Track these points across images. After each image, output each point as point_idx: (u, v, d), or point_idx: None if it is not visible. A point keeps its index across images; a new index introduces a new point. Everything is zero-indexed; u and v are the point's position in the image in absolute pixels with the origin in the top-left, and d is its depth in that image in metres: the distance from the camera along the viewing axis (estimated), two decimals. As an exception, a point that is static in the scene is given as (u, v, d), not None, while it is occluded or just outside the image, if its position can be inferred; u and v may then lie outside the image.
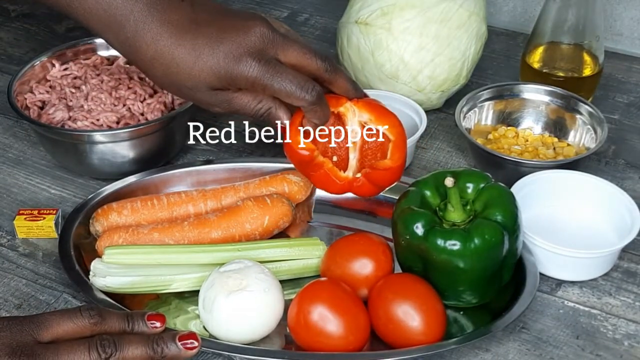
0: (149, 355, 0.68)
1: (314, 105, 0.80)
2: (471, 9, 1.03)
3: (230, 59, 0.78)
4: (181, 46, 0.78)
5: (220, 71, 0.78)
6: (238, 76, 0.78)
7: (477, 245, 0.76)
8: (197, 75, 0.79)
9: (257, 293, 0.77)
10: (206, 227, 0.87)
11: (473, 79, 1.10)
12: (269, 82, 0.78)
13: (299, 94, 0.79)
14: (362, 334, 0.77)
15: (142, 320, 0.70)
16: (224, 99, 0.81)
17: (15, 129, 1.08)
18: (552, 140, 1.01)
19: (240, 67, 0.78)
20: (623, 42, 1.21)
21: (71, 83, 1.03)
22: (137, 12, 0.78)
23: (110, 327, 0.69)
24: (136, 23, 0.79)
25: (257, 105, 0.81)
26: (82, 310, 0.69)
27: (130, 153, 0.95)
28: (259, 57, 0.78)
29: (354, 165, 0.85)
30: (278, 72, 0.78)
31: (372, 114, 0.84)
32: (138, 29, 0.79)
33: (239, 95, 0.81)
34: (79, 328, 0.68)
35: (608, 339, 0.81)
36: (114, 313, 0.70)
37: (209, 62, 0.78)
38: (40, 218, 0.90)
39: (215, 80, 0.79)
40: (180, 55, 0.79)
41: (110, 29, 0.80)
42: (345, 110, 0.84)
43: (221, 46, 0.78)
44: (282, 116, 0.82)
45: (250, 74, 0.78)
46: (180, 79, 0.80)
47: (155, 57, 0.79)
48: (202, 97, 0.81)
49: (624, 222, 0.87)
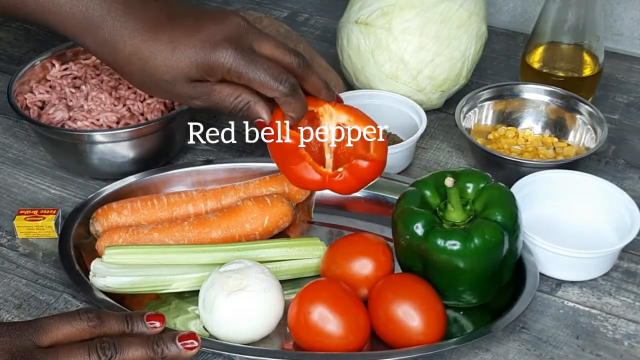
0: (149, 357, 0.68)
1: (287, 97, 0.80)
2: (471, 9, 1.03)
3: (206, 47, 0.78)
4: (158, 40, 0.79)
5: (198, 59, 0.79)
6: (215, 63, 0.78)
7: (477, 245, 0.76)
8: (175, 66, 0.79)
9: (257, 293, 0.77)
10: (206, 227, 0.87)
11: (473, 79, 1.10)
12: (244, 70, 0.78)
13: (272, 84, 0.79)
14: (362, 334, 0.77)
15: (141, 320, 0.70)
16: (203, 91, 0.81)
17: (15, 129, 1.08)
18: (552, 140, 1.01)
19: (216, 54, 0.78)
20: (623, 42, 1.21)
21: (71, 83, 1.03)
22: (113, 12, 0.79)
23: (110, 329, 0.69)
24: (113, 23, 0.80)
25: (235, 100, 0.81)
26: (81, 313, 0.69)
27: (130, 153, 0.95)
28: (235, 45, 0.79)
29: (330, 165, 0.86)
30: (253, 61, 0.79)
31: (350, 116, 0.85)
32: (115, 29, 0.80)
33: (218, 87, 0.81)
34: (78, 331, 0.68)
35: (608, 339, 0.81)
36: (113, 315, 0.70)
37: (186, 51, 0.79)
38: (40, 218, 0.90)
39: (194, 69, 0.79)
40: (157, 48, 0.79)
41: (88, 32, 0.81)
42: (324, 111, 0.85)
43: (198, 35, 0.79)
44: (260, 111, 0.82)
45: (227, 60, 0.78)
46: (159, 72, 0.80)
47: (133, 52, 0.80)
48: (181, 90, 0.81)
49: (624, 222, 0.87)
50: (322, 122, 0.86)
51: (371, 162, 0.82)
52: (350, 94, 1.04)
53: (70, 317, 0.69)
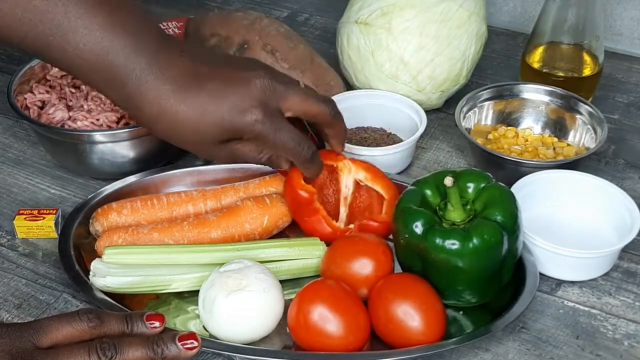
0: (149, 357, 0.68)
1: (307, 163, 0.83)
2: (471, 9, 1.03)
3: (234, 113, 0.78)
4: (184, 104, 0.78)
5: (225, 125, 0.78)
6: (243, 129, 0.79)
7: (476, 244, 0.76)
8: (203, 131, 0.79)
9: (257, 293, 0.77)
10: (206, 227, 0.87)
11: (473, 79, 1.10)
12: (271, 136, 0.80)
13: (295, 150, 0.82)
14: (362, 334, 0.77)
15: (141, 320, 0.70)
16: (228, 150, 0.81)
17: (15, 129, 1.08)
18: (552, 140, 1.01)
19: (245, 120, 0.78)
20: (623, 42, 1.21)
21: (71, 83, 1.03)
22: (138, 70, 0.77)
23: (110, 330, 0.69)
24: (138, 81, 0.77)
25: (259, 155, 0.83)
26: (81, 313, 0.69)
27: (130, 153, 0.95)
28: (263, 110, 0.79)
29: (344, 219, 0.89)
30: (279, 128, 0.80)
31: (368, 173, 0.88)
32: (140, 87, 0.77)
33: (241, 146, 0.81)
34: (78, 332, 0.68)
35: (608, 339, 0.81)
36: (113, 315, 0.70)
37: (213, 117, 0.78)
38: (40, 218, 0.90)
39: (221, 133, 0.79)
40: (184, 112, 0.78)
41: (112, 85, 0.78)
42: (343, 166, 0.88)
43: (225, 100, 0.78)
44: (282, 164, 0.85)
45: (256, 127, 0.79)
46: (186, 134, 0.79)
47: (160, 115, 0.78)
48: (206, 150, 0.82)
49: (623, 222, 0.87)
50: (340, 177, 0.89)
51: (381, 224, 0.86)
52: (350, 94, 1.04)
53: (70, 317, 0.68)
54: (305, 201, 0.86)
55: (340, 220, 0.89)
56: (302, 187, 0.86)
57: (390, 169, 0.95)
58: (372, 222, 0.86)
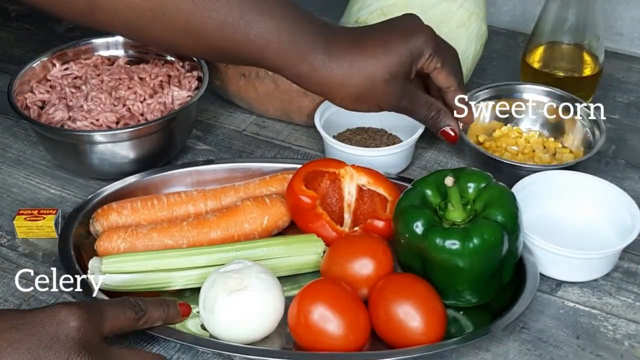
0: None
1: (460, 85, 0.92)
2: (471, 9, 1.03)
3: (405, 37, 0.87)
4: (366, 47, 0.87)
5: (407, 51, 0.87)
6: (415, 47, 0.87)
7: (476, 244, 0.76)
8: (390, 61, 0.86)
9: (258, 293, 0.77)
10: (205, 227, 0.87)
11: (473, 79, 1.10)
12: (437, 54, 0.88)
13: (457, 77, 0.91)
14: (362, 334, 0.77)
15: (175, 306, 0.79)
16: (411, 90, 0.89)
17: (15, 129, 1.08)
18: (552, 141, 1.00)
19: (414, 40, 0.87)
20: (623, 42, 1.21)
21: (71, 83, 1.03)
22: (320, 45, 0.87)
23: (151, 318, 0.77)
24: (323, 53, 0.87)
25: (430, 107, 0.91)
26: (129, 305, 0.76)
27: (130, 153, 0.95)
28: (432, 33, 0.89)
29: (348, 224, 0.89)
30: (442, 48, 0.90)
31: (370, 177, 0.88)
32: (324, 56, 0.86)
33: (419, 93, 0.91)
34: (128, 322, 0.75)
35: (608, 339, 0.81)
36: (152, 303, 0.78)
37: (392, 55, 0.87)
38: (40, 218, 0.90)
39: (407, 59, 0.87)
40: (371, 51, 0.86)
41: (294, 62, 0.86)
42: (345, 173, 0.89)
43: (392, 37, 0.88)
44: (447, 120, 0.92)
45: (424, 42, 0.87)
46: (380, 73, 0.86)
47: (343, 84, 0.86)
48: (394, 88, 0.87)
49: (624, 222, 0.87)
50: (343, 184, 0.89)
51: (386, 222, 0.85)
52: (350, 94, 1.04)
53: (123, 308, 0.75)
54: (308, 207, 0.86)
55: (345, 226, 0.89)
56: (304, 193, 0.86)
57: (391, 169, 0.95)
58: (377, 222, 0.86)
